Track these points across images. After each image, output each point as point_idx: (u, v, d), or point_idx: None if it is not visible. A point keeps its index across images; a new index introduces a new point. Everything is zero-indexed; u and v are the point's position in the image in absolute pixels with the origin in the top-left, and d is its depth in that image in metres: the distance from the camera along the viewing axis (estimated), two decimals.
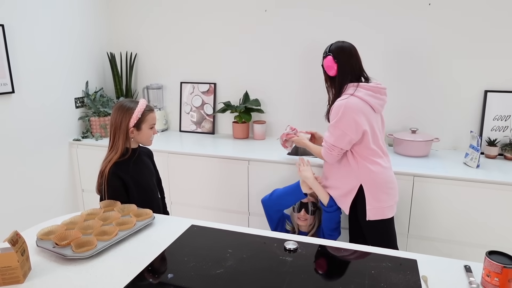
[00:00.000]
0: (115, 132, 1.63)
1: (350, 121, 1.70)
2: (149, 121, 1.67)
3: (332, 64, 1.77)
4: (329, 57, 1.78)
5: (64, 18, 2.68)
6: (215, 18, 2.81)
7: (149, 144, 1.73)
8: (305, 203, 1.99)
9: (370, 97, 1.74)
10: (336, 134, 1.74)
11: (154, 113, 1.70)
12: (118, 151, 1.61)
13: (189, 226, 1.43)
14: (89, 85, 2.94)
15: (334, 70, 1.78)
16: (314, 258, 1.20)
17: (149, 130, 1.68)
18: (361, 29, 2.50)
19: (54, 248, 1.22)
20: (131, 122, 1.62)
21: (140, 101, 1.66)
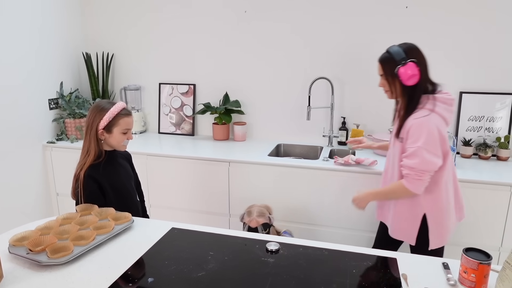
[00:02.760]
0: (87, 133, 1.58)
1: (435, 141, 1.48)
2: (121, 126, 1.60)
3: (415, 72, 1.49)
4: (412, 64, 1.49)
5: (36, 18, 2.59)
6: (194, 18, 2.79)
7: (122, 149, 1.68)
8: (254, 228, 1.86)
9: (447, 112, 1.54)
10: (423, 156, 1.48)
11: (130, 118, 1.63)
12: (91, 153, 1.56)
13: (169, 229, 1.41)
14: (63, 86, 2.85)
15: (416, 79, 1.50)
16: (296, 259, 1.20)
17: (121, 135, 1.61)
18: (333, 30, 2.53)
19: (28, 255, 1.17)
20: (101, 123, 1.56)
21: (117, 103, 1.60)
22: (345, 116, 2.64)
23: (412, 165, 1.50)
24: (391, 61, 1.54)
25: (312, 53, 2.61)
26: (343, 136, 2.63)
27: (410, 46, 1.56)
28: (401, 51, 1.53)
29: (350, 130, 2.62)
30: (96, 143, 1.57)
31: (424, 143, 1.47)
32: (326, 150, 2.55)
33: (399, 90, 1.57)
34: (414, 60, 1.50)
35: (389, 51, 1.57)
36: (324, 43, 2.58)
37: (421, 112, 1.51)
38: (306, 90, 2.65)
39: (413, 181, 1.51)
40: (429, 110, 1.51)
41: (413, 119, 1.51)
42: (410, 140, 1.51)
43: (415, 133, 1.49)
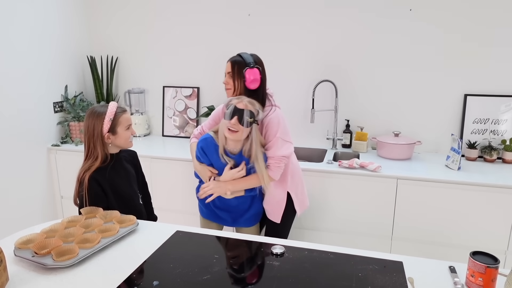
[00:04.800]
0: (90, 140, 1.57)
1: (287, 131, 1.73)
2: (123, 123, 1.60)
3: (258, 77, 1.70)
4: (256, 70, 1.69)
5: (41, 21, 2.61)
6: (198, 21, 2.80)
7: (130, 146, 1.67)
8: (240, 110, 1.59)
9: (278, 103, 1.81)
10: (283, 144, 1.70)
11: (128, 114, 1.64)
12: (98, 158, 1.56)
13: (174, 232, 1.40)
14: (68, 89, 2.87)
15: (257, 83, 1.71)
16: (301, 262, 1.20)
17: (126, 131, 1.62)
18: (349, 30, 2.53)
19: (34, 257, 1.17)
20: (104, 127, 1.56)
21: (110, 104, 1.60)
22: (349, 119, 2.64)
23: (273, 154, 1.70)
24: (241, 63, 1.72)
25: (316, 56, 2.61)
26: (347, 139, 2.63)
27: (258, 58, 1.78)
28: (250, 58, 1.73)
29: (354, 133, 2.62)
30: (102, 148, 1.57)
31: (280, 134, 1.69)
32: (330, 153, 2.55)
33: (241, 90, 1.74)
34: (259, 68, 1.71)
35: (241, 54, 1.76)
36: (328, 46, 2.58)
37: (268, 109, 1.74)
38: (309, 92, 2.65)
39: (275, 168, 1.71)
40: (273, 106, 1.75)
41: (267, 117, 1.71)
42: (271, 134, 1.70)
43: (273, 127, 1.69)
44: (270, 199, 1.84)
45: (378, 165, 2.11)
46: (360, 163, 2.16)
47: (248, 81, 1.69)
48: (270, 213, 1.88)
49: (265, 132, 1.71)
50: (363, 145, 2.52)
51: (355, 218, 2.18)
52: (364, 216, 2.16)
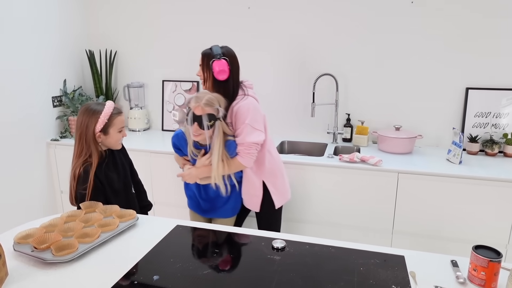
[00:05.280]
0: (81, 137, 1.56)
1: (258, 119, 1.75)
2: (117, 125, 1.60)
3: (226, 69, 1.72)
4: (223, 61, 1.72)
5: (40, 15, 2.58)
6: (197, 15, 2.77)
7: (118, 147, 1.67)
8: (198, 116, 1.64)
9: (255, 94, 1.86)
10: (252, 131, 1.72)
11: (123, 116, 1.64)
12: (93, 155, 1.55)
13: (174, 227, 1.40)
14: (67, 83, 2.85)
15: (226, 75, 1.73)
16: (302, 257, 1.19)
17: (118, 133, 1.62)
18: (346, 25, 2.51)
19: (33, 252, 1.16)
20: (97, 126, 1.55)
21: (107, 104, 1.59)
22: (349, 113, 2.62)
23: (241, 141, 1.73)
24: (209, 55, 1.76)
25: (317, 49, 2.59)
26: (347, 133, 2.61)
27: (229, 50, 1.80)
28: (219, 50, 1.76)
29: (355, 127, 2.61)
30: (95, 146, 1.56)
31: (249, 121, 1.71)
32: (330, 147, 2.54)
33: (211, 82, 1.78)
34: (227, 59, 1.73)
35: (211, 47, 1.79)
36: (328, 39, 2.55)
37: (239, 97, 1.77)
38: (310, 86, 2.63)
39: (244, 155, 1.74)
40: (245, 95, 1.78)
41: (236, 105, 1.74)
42: (239, 121, 1.73)
43: (242, 114, 1.72)
44: (247, 188, 1.89)
45: (379, 159, 2.10)
46: (361, 157, 2.14)
47: (215, 72, 1.72)
48: (247, 202, 1.93)
49: (235, 120, 1.75)
50: (364, 139, 2.50)
51: (356, 212, 2.17)
52: (365, 210, 2.15)
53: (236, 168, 1.78)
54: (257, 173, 1.86)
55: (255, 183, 1.88)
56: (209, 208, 1.93)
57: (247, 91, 1.81)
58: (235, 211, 1.96)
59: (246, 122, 1.71)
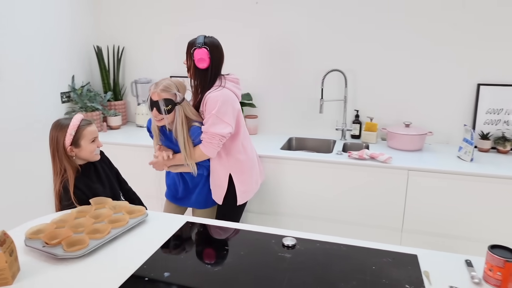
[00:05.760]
0: (54, 153, 1.55)
1: (227, 111, 1.76)
2: (87, 136, 1.56)
3: (205, 57, 1.76)
4: (204, 50, 1.76)
5: (48, 12, 2.58)
6: (205, 10, 2.76)
7: (95, 158, 1.63)
8: (155, 101, 1.73)
9: (235, 88, 1.87)
10: (217, 122, 1.74)
11: (93, 126, 1.61)
12: (69, 170, 1.53)
13: (183, 223, 1.39)
14: (75, 79, 2.85)
15: (205, 64, 1.77)
16: (313, 255, 1.18)
17: (91, 144, 1.58)
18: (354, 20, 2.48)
19: (44, 248, 1.17)
20: (66, 140, 1.53)
21: (74, 117, 1.57)
22: (358, 109, 2.60)
23: (206, 130, 1.75)
24: (191, 44, 1.80)
25: (324, 45, 2.57)
26: (356, 130, 2.59)
27: (212, 40, 1.82)
28: (202, 39, 1.78)
29: (363, 124, 2.58)
30: (68, 161, 1.54)
31: (216, 112, 1.73)
32: (339, 143, 2.52)
33: (193, 69, 1.82)
34: (207, 48, 1.76)
35: (195, 38, 1.81)
36: (336, 35, 2.53)
37: (214, 88, 1.79)
38: (318, 82, 2.61)
39: (206, 144, 1.76)
40: (221, 86, 1.79)
41: (208, 94, 1.77)
42: (207, 111, 1.76)
43: (211, 104, 1.74)
44: (213, 179, 1.92)
45: (388, 156, 2.08)
46: (370, 154, 2.12)
47: (196, 60, 1.76)
48: (214, 193, 1.94)
49: (205, 109, 1.78)
50: (373, 136, 2.48)
51: (364, 209, 2.15)
52: (374, 207, 2.14)
53: (199, 156, 1.81)
54: (225, 164, 1.88)
55: (219, 174, 1.89)
56: (184, 196, 1.99)
57: (225, 83, 1.81)
58: (209, 203, 1.97)
59: (213, 112, 1.73)
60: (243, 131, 1.92)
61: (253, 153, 2.01)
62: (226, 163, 1.88)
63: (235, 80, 1.91)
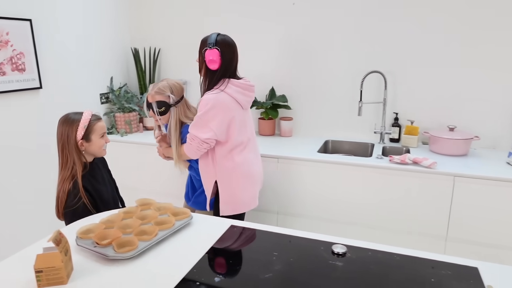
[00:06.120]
0: (64, 148, 1.56)
1: (215, 116, 1.71)
2: (97, 131, 1.60)
3: (217, 58, 1.71)
4: (215, 51, 1.70)
5: (89, 14, 2.65)
6: (239, 12, 2.75)
7: (103, 154, 1.67)
8: (149, 103, 1.86)
9: (239, 94, 1.76)
10: (199, 125, 1.72)
11: (102, 122, 1.64)
12: (77, 165, 1.55)
13: (228, 227, 1.38)
14: (113, 80, 2.91)
15: (217, 65, 1.72)
16: (365, 264, 1.14)
17: (100, 139, 1.62)
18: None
19: (96, 248, 1.18)
20: (78, 134, 1.55)
21: (85, 112, 1.60)
22: (397, 112, 2.52)
23: (189, 130, 1.76)
24: (204, 43, 1.76)
25: (364, 46, 2.50)
26: (395, 133, 2.51)
27: (225, 39, 1.75)
28: (214, 39, 1.73)
29: (403, 127, 2.50)
30: (78, 155, 1.56)
31: (202, 114, 1.71)
32: (378, 147, 2.45)
33: (204, 69, 1.78)
34: (219, 48, 1.70)
35: (208, 35, 1.77)
36: (376, 36, 2.46)
37: (214, 90, 1.73)
38: (355, 84, 2.55)
39: (187, 144, 1.78)
40: (220, 90, 1.72)
41: (204, 95, 1.73)
42: (198, 112, 1.75)
43: (202, 106, 1.72)
44: (203, 183, 1.92)
45: (433, 161, 2.00)
46: (414, 159, 2.05)
47: (207, 61, 1.73)
48: None
49: (198, 109, 1.79)
50: (414, 140, 2.40)
51: (406, 216, 2.08)
52: (416, 214, 2.06)
53: (184, 155, 1.84)
54: (211, 170, 1.84)
55: (205, 179, 1.88)
56: (191, 196, 2.07)
57: (225, 87, 1.73)
58: (205, 207, 1.97)
59: (199, 114, 1.72)
60: (236, 139, 1.80)
61: (249, 166, 1.85)
62: (212, 169, 1.83)
63: (243, 86, 1.79)
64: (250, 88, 1.83)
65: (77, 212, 1.52)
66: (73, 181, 1.54)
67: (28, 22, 2.17)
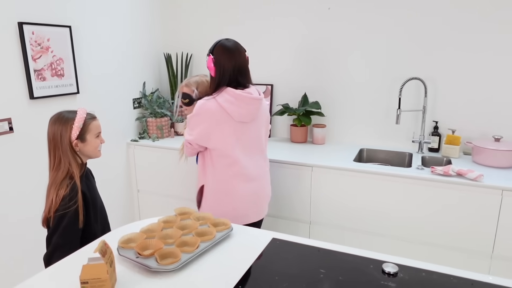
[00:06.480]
0: (56, 148, 1.44)
1: (198, 122, 1.74)
2: (93, 130, 1.51)
3: (210, 65, 1.75)
4: (210, 57, 1.75)
5: (124, 20, 2.68)
6: (272, 17, 2.72)
7: (98, 155, 1.56)
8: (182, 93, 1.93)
9: (230, 104, 1.70)
10: (188, 126, 1.79)
11: (97, 121, 1.54)
12: (73, 166, 1.45)
13: (270, 240, 1.34)
14: (145, 85, 2.93)
15: (212, 72, 1.76)
16: (420, 286, 1.07)
17: (96, 139, 1.52)
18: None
19: (138, 259, 1.16)
20: (73, 133, 1.45)
21: (79, 110, 1.50)
22: (437, 120, 2.42)
23: None
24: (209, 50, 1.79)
25: (402, 51, 2.42)
26: (435, 142, 2.41)
27: (222, 45, 1.75)
28: (213, 45, 1.77)
29: (443, 136, 2.40)
30: (73, 156, 1.47)
31: (190, 117, 1.76)
32: (416, 157, 2.35)
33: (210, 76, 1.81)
34: (213, 56, 1.73)
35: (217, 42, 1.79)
36: (414, 39, 2.37)
37: (209, 96, 1.74)
38: (391, 90, 2.47)
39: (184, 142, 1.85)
40: (212, 97, 1.72)
41: (200, 100, 1.76)
42: None
43: (194, 109, 1.75)
44: None
45: (479, 174, 1.90)
46: (458, 171, 1.95)
47: (208, 67, 1.78)
48: None
49: None
50: (455, 150, 2.29)
51: (448, 231, 1.98)
52: (459, 229, 1.96)
53: None
54: (201, 175, 1.88)
55: (199, 181, 1.90)
56: None
57: (217, 95, 1.72)
58: None
59: (189, 116, 1.78)
60: (222, 151, 1.76)
61: (228, 184, 1.79)
62: (202, 172, 1.88)
63: (238, 96, 1.70)
64: (248, 100, 1.72)
65: (66, 216, 1.40)
66: (72, 183, 1.44)
67: (68, 29, 2.20)
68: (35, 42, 2.03)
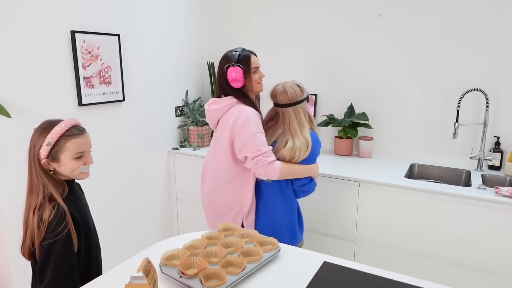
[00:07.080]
0: (30, 165, 1.19)
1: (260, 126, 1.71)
2: (70, 150, 1.19)
3: (241, 77, 1.68)
4: (239, 68, 1.67)
5: (169, 29, 2.69)
6: (315, 26, 2.63)
7: (81, 177, 1.25)
8: None
9: None
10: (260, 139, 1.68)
11: (81, 138, 1.22)
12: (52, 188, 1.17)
13: (321, 264, 1.23)
14: (188, 94, 2.93)
15: (240, 83, 1.69)
16: None
17: (74, 161, 1.20)
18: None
19: (182, 278, 1.10)
20: (41, 151, 1.17)
21: (64, 120, 1.21)
22: (499, 136, 2.21)
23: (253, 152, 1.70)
24: (225, 60, 1.73)
25: (460, 60, 2.24)
26: (496, 160, 2.21)
27: (224, 54, 1.74)
28: (236, 56, 1.69)
29: (506, 152, 2.19)
30: (46, 176, 1.18)
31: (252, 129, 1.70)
32: (475, 175, 2.16)
33: (225, 87, 1.74)
34: (241, 66, 1.66)
35: (233, 50, 1.73)
36: (471, 47, 2.19)
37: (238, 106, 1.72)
38: (447, 102, 2.30)
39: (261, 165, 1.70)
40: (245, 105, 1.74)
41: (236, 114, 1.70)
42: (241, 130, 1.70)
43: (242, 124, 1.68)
44: None
45: None
46: None
47: (229, 79, 1.71)
48: None
49: None
50: None
51: (510, 258, 1.78)
52: None
53: None
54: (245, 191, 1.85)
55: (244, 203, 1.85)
56: None
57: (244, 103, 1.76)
58: None
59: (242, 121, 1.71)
60: None
61: None
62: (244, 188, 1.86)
63: None
64: (206, 109, 1.82)
65: (57, 244, 1.15)
66: (56, 205, 1.17)
67: (117, 37, 2.23)
68: (86, 50, 2.06)
